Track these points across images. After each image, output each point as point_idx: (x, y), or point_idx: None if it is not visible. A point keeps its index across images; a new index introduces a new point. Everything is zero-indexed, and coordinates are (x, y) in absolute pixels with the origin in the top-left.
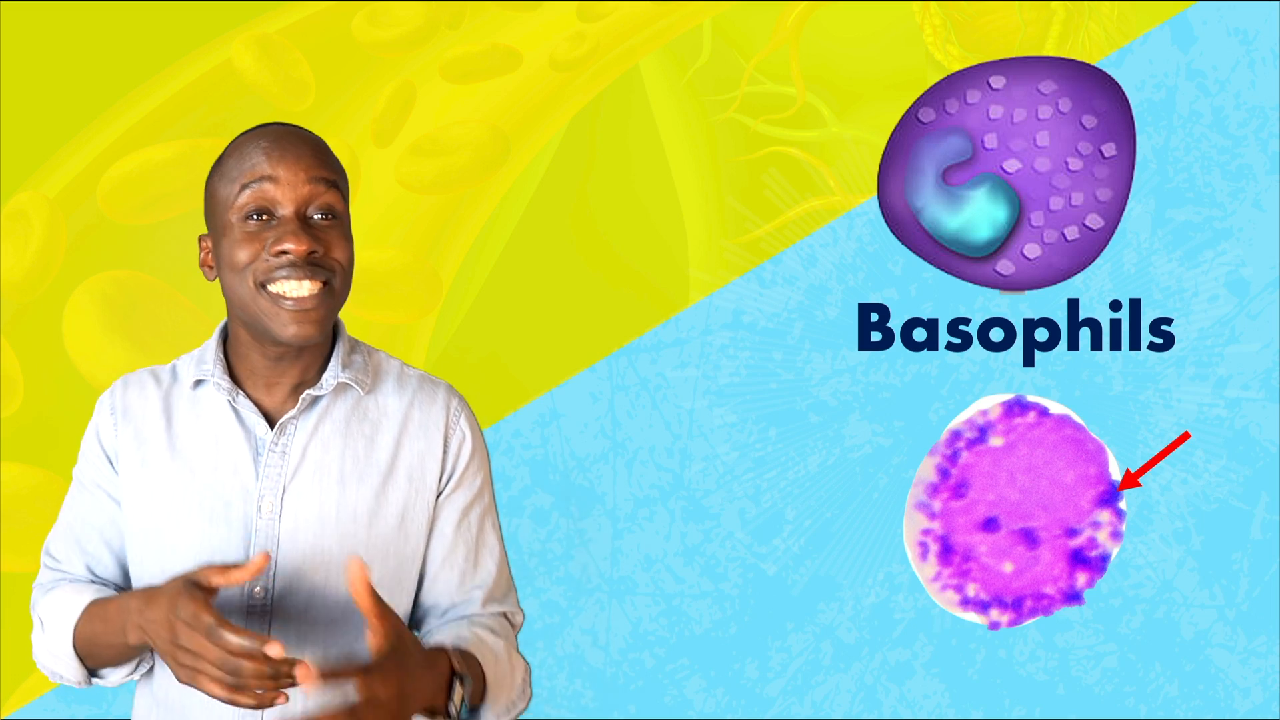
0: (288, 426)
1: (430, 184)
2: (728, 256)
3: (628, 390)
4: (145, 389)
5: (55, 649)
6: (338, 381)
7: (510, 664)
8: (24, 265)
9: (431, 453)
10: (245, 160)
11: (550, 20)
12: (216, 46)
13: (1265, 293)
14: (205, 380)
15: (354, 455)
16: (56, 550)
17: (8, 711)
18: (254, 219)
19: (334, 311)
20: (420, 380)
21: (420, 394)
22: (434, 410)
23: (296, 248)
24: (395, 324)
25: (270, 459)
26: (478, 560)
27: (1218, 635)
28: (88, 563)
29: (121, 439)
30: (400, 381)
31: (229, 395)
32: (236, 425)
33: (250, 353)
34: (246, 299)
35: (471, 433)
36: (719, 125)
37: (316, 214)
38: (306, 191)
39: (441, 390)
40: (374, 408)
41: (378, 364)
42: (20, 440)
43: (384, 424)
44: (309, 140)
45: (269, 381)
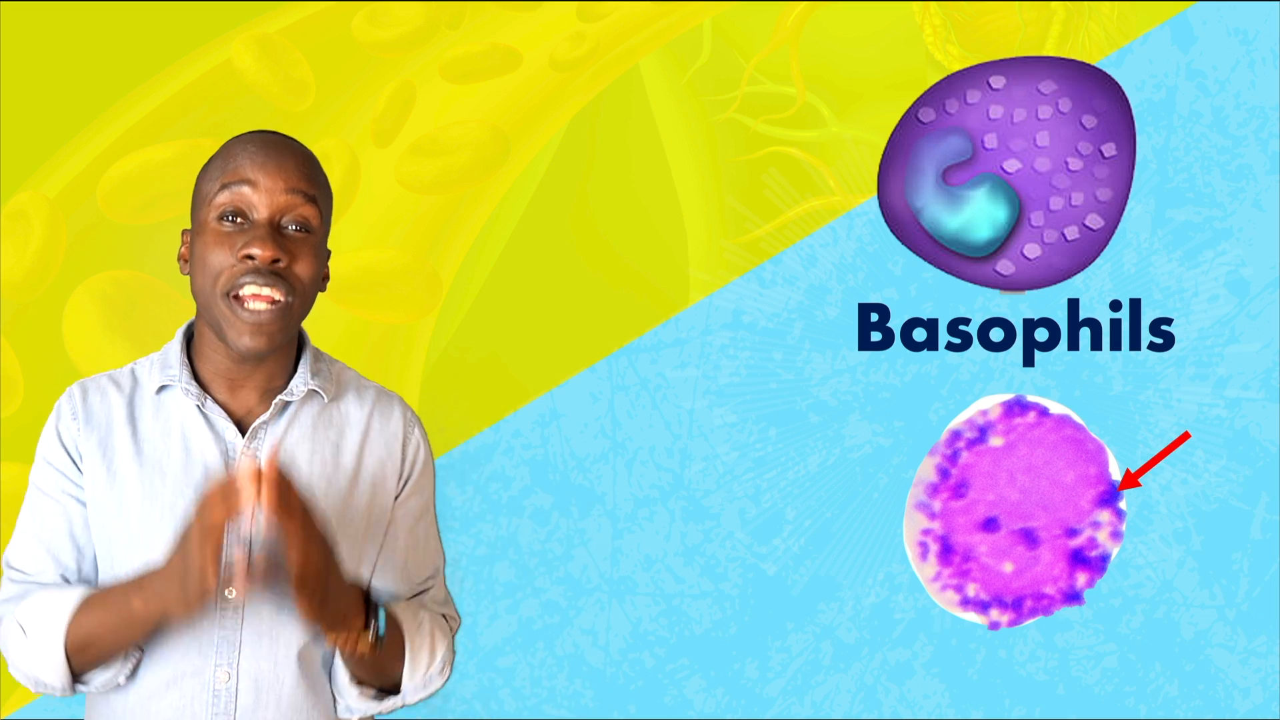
0: (260, 431)
1: (430, 184)
2: (728, 256)
3: (628, 390)
4: (106, 395)
5: (40, 652)
6: (308, 388)
7: (429, 635)
8: (24, 265)
9: (391, 459)
10: (230, 161)
11: (550, 20)
12: (216, 46)
13: (1265, 293)
14: (171, 386)
15: (321, 460)
16: (23, 564)
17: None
18: (229, 220)
19: (291, 327)
20: (377, 392)
21: (379, 404)
22: (392, 420)
23: (262, 253)
24: (395, 324)
25: (242, 463)
26: (422, 562)
27: (1218, 635)
28: (61, 569)
29: (85, 443)
30: (359, 391)
31: (198, 400)
32: (206, 430)
33: (215, 354)
34: (209, 301)
35: (424, 443)
36: (719, 125)
37: (291, 225)
38: (283, 201)
39: (396, 402)
40: (338, 415)
41: (338, 373)
42: (20, 440)
43: (348, 431)
44: (297, 152)
45: (234, 384)
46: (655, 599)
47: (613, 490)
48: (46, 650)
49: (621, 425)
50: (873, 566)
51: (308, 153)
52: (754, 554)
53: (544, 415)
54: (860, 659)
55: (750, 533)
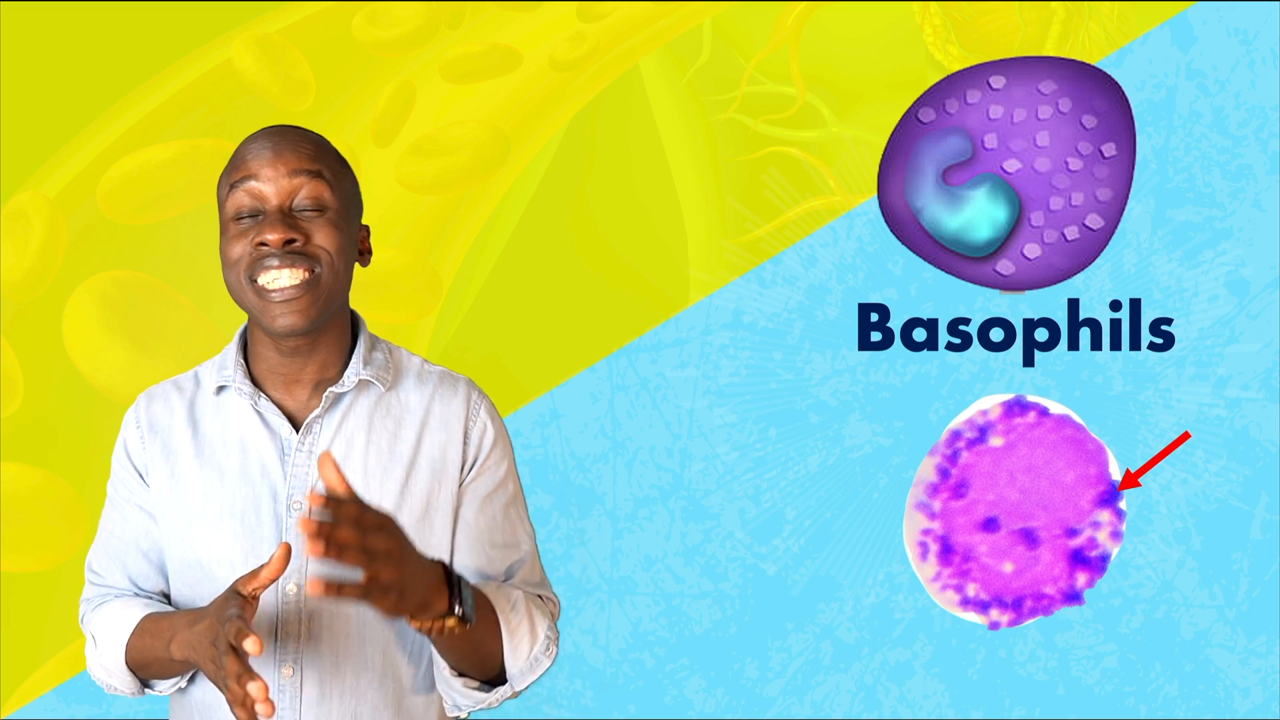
0: (313, 426)
1: (430, 184)
2: (728, 256)
3: (628, 390)
4: (169, 400)
5: (108, 664)
6: (359, 379)
7: (527, 615)
8: (24, 265)
9: (453, 443)
10: (237, 162)
11: (550, 20)
12: (216, 46)
13: (1265, 293)
14: (228, 386)
15: (378, 451)
16: (98, 565)
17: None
18: (245, 219)
19: (325, 301)
20: (441, 376)
21: (441, 388)
22: (454, 403)
23: (273, 237)
24: (395, 324)
25: (297, 459)
26: (505, 545)
27: (1218, 635)
28: (129, 576)
29: (150, 452)
30: (421, 378)
31: (251, 399)
32: (261, 428)
33: (266, 350)
34: (241, 294)
35: (493, 424)
36: (719, 125)
37: (303, 206)
38: (289, 185)
39: (462, 384)
40: (396, 404)
41: (399, 361)
42: (20, 440)
43: (406, 419)
44: (300, 137)
45: (288, 379)
46: (655, 599)
47: (613, 490)
48: (113, 663)
49: (621, 425)
50: (873, 566)
51: (312, 135)
52: (754, 554)
53: (544, 415)
54: (860, 659)
55: (750, 533)
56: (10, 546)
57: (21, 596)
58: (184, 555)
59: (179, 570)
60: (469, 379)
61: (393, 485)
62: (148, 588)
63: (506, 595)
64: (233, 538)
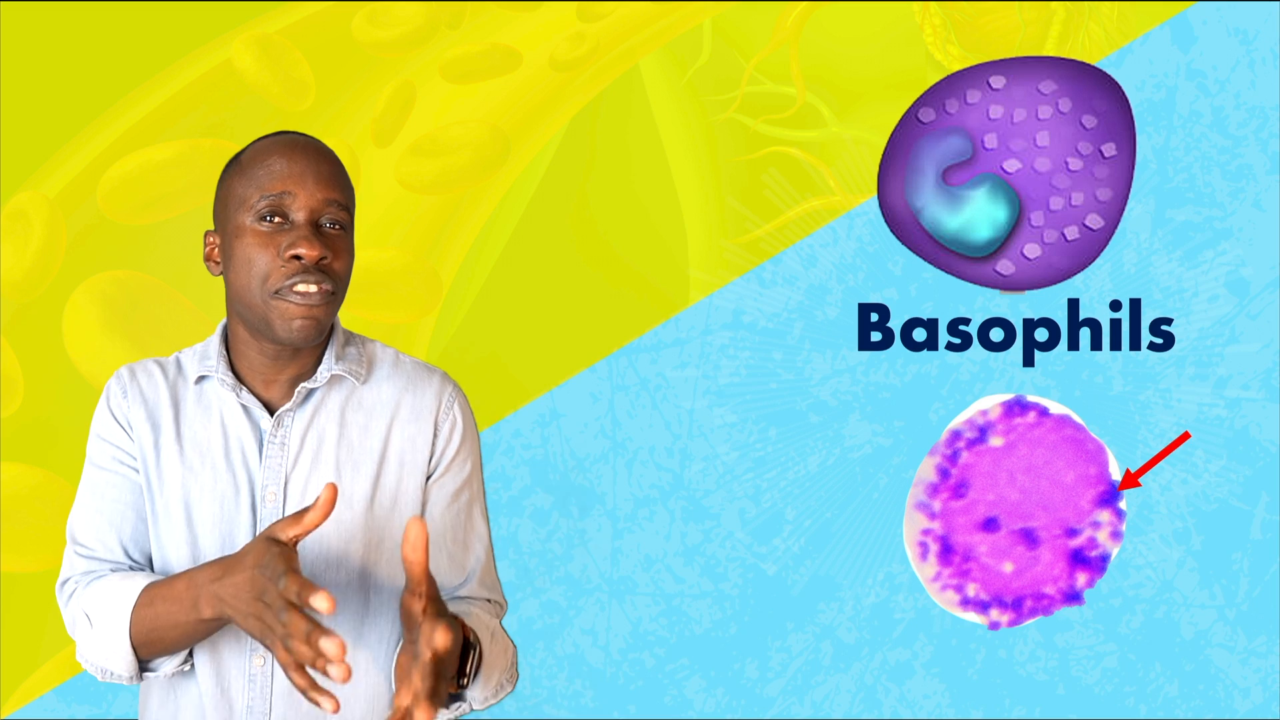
0: (285, 418)
1: (430, 184)
2: (728, 256)
3: (628, 390)
4: (153, 377)
5: (107, 642)
6: (331, 374)
7: (502, 644)
8: (24, 265)
9: (422, 435)
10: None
11: (550, 20)
12: (216, 46)
13: (1265, 293)
14: (209, 376)
15: (348, 444)
16: (86, 538)
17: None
18: (268, 220)
19: (332, 315)
20: (414, 367)
21: (414, 380)
22: (426, 396)
23: (309, 252)
24: (395, 324)
25: (270, 450)
26: (466, 544)
27: (1218, 635)
28: (124, 542)
29: (134, 415)
30: (394, 369)
31: (233, 390)
32: (242, 417)
33: (249, 350)
34: (253, 300)
35: (463, 420)
36: (719, 125)
37: (328, 224)
38: (320, 205)
39: (436, 377)
40: (368, 397)
41: (372, 354)
42: (20, 440)
43: (377, 411)
44: (328, 158)
45: (268, 378)
46: (655, 599)
47: (613, 490)
48: (113, 641)
49: (621, 425)
50: (873, 566)
51: (335, 157)
52: (754, 554)
53: (544, 415)
54: (860, 659)
55: (750, 533)
56: (10, 546)
57: (21, 596)
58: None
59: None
60: (444, 372)
61: (363, 479)
62: (141, 557)
63: (485, 625)
64: (216, 518)
